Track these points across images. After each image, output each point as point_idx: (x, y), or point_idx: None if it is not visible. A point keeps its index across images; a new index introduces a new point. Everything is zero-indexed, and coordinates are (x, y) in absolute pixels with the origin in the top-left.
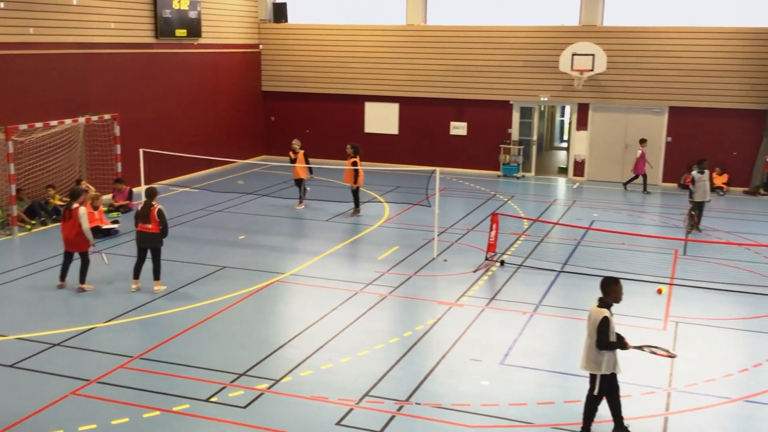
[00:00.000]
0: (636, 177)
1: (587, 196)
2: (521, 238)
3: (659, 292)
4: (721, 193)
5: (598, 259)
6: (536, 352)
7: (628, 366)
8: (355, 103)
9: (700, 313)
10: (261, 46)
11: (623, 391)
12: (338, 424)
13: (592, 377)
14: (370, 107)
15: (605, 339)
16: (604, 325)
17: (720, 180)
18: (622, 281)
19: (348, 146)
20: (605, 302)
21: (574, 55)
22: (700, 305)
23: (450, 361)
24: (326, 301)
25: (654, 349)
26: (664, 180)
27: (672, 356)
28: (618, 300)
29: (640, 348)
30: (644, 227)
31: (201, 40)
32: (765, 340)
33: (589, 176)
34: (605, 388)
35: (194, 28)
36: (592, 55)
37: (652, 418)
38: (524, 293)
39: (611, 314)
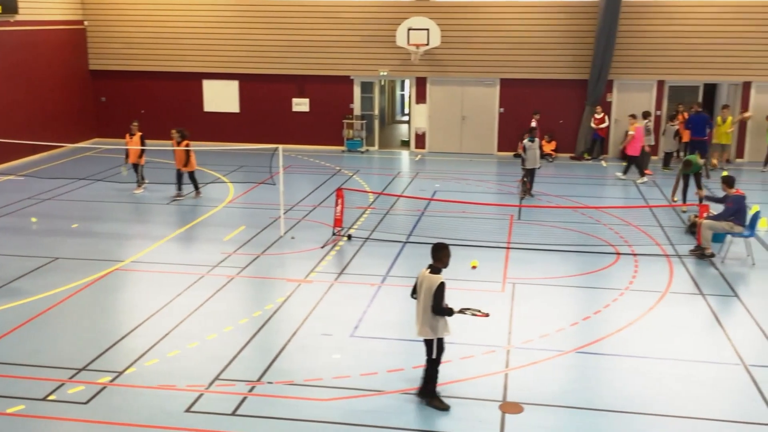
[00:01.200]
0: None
1: (429, 168)
2: (367, 212)
3: (473, 267)
4: (550, 160)
5: (441, 228)
6: (385, 322)
7: (469, 329)
8: (193, 81)
9: (535, 273)
10: (86, 23)
11: (465, 352)
12: (188, 411)
13: (429, 342)
14: (208, 85)
15: (440, 304)
16: (441, 290)
17: (549, 147)
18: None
19: (174, 131)
20: (437, 268)
21: (409, 29)
22: (534, 266)
23: (301, 338)
24: (171, 287)
25: (474, 312)
26: (499, 149)
27: (485, 315)
28: (446, 265)
29: (462, 312)
30: (482, 195)
31: (18, 17)
32: (592, 295)
33: (431, 148)
34: (439, 351)
35: (10, 4)
36: (427, 29)
37: (493, 375)
38: (372, 265)
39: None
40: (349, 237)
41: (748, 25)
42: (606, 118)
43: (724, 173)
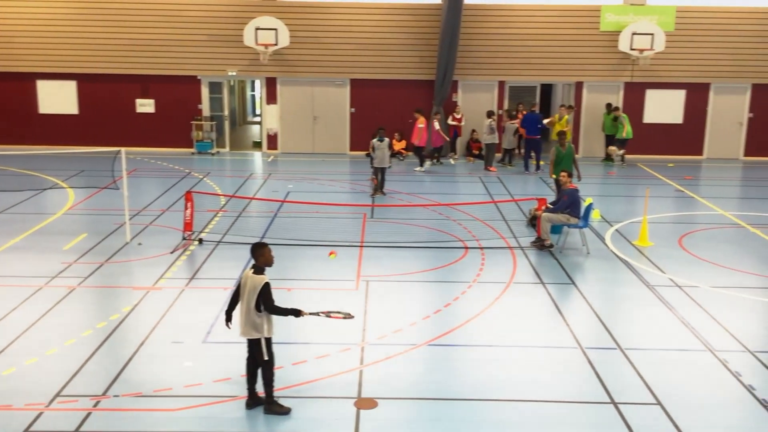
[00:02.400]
0: (438, 149)
1: (282, 168)
2: (219, 215)
3: (331, 255)
4: (401, 158)
5: (294, 228)
6: (238, 326)
7: (325, 328)
8: (26, 82)
9: (388, 270)
10: None
11: (321, 351)
12: (26, 431)
13: (257, 343)
14: (43, 85)
15: (272, 302)
16: (267, 290)
17: (399, 146)
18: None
19: None
20: (259, 267)
21: (257, 29)
22: (387, 263)
23: (150, 347)
24: (4, 301)
25: (330, 313)
26: (351, 149)
27: (348, 317)
28: (269, 263)
29: (316, 314)
30: (336, 195)
31: None
32: (443, 289)
33: (283, 149)
34: (269, 352)
35: None
36: (275, 29)
37: (348, 372)
38: (224, 269)
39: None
40: (200, 241)
41: (578, 29)
42: (463, 118)
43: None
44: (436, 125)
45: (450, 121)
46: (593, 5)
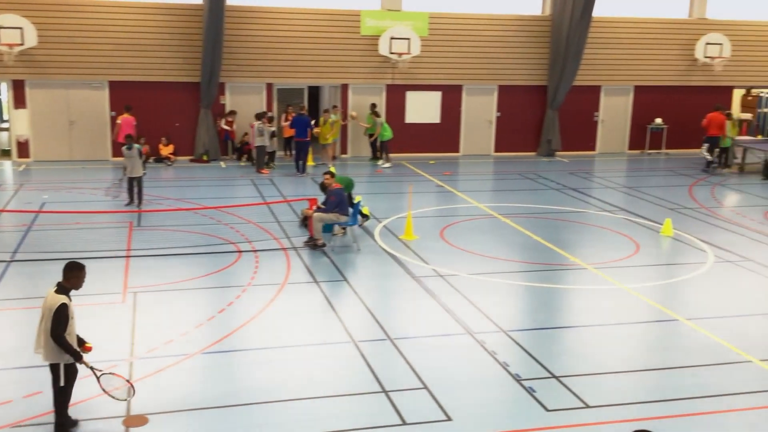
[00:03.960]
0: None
1: (36, 178)
2: None
3: None
4: (169, 163)
5: (53, 242)
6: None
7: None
8: None
9: (157, 279)
10: None
11: (85, 371)
12: None
13: (55, 367)
14: None
15: (57, 329)
16: (60, 313)
17: (167, 150)
18: (80, 260)
19: None
20: (64, 288)
21: (1, 28)
22: (157, 272)
23: None
24: None
25: (108, 388)
26: (113, 155)
27: (126, 399)
28: (78, 286)
29: (95, 373)
30: (98, 204)
31: None
32: (216, 295)
33: (36, 156)
34: (67, 378)
35: None
36: (20, 28)
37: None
38: None
39: (70, 300)
40: None
41: (340, 33)
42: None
43: (332, 169)
44: (119, 120)
45: (223, 125)
46: (353, 10)
